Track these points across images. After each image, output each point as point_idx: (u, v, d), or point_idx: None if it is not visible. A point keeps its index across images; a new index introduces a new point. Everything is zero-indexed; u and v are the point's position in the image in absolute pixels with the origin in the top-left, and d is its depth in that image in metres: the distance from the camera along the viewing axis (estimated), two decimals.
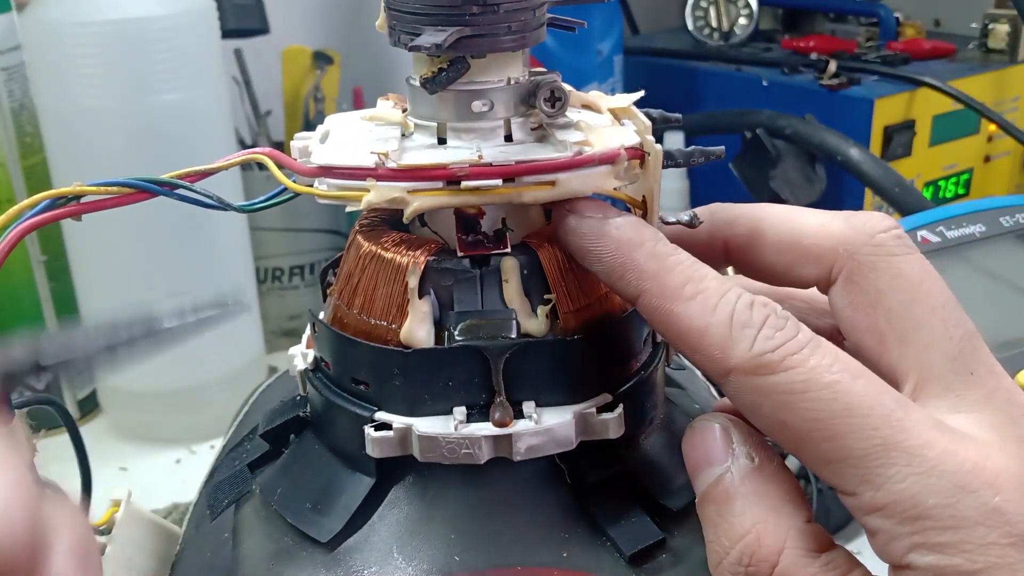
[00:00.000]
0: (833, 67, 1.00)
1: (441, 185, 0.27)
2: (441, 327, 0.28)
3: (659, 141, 0.28)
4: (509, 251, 0.28)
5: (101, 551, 0.33)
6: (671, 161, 0.29)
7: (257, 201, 0.28)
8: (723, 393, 0.26)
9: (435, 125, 0.29)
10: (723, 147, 0.30)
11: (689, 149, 0.30)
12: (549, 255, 0.29)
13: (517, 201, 0.27)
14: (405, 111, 0.31)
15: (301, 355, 0.32)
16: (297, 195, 0.28)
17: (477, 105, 0.28)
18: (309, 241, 0.94)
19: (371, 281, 0.29)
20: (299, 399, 0.33)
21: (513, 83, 0.29)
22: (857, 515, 0.24)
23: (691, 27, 1.20)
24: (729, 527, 0.25)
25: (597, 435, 0.28)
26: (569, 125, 0.28)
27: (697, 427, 0.27)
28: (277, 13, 0.97)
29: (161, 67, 0.71)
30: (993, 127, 1.02)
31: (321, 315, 0.31)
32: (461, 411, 0.28)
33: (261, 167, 0.28)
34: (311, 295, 0.94)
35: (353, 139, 0.29)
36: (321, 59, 1.00)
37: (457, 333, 0.27)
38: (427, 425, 0.28)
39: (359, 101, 1.05)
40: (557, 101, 0.28)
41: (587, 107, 0.31)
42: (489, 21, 0.27)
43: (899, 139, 0.96)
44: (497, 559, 0.28)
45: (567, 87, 0.28)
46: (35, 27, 0.72)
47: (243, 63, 0.97)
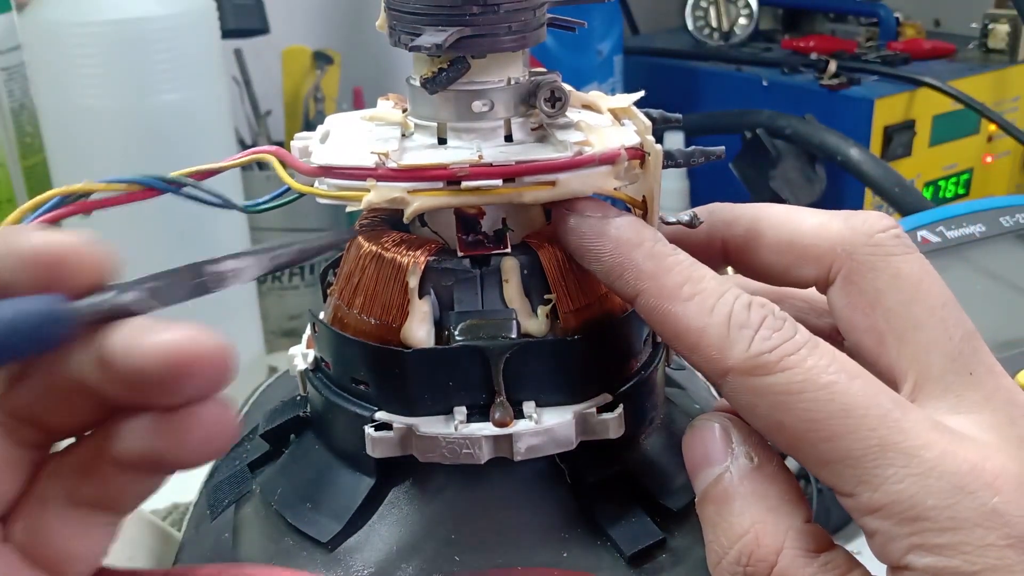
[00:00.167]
0: (833, 67, 1.00)
1: (441, 185, 0.27)
2: (441, 327, 0.28)
3: (659, 141, 0.28)
4: (509, 251, 0.28)
5: None
6: (671, 161, 0.29)
7: (262, 201, 0.28)
8: (722, 393, 0.26)
9: (435, 125, 0.29)
10: (723, 147, 0.30)
11: (689, 149, 0.30)
12: (549, 255, 0.29)
13: (517, 201, 0.27)
14: (405, 111, 0.31)
15: (301, 355, 0.32)
16: (302, 196, 0.28)
17: (477, 105, 0.28)
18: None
19: (371, 281, 0.29)
20: (299, 399, 0.33)
21: (513, 83, 0.29)
22: (855, 516, 0.24)
23: (691, 27, 1.20)
24: (728, 527, 0.25)
25: (597, 435, 0.28)
26: (569, 125, 0.28)
27: (697, 427, 0.27)
28: (277, 13, 0.97)
29: (161, 67, 0.71)
30: (993, 127, 1.02)
31: (321, 315, 0.31)
32: (461, 411, 0.28)
33: (261, 167, 0.28)
34: (311, 295, 0.94)
35: (353, 139, 0.29)
36: (321, 59, 1.00)
37: (457, 333, 0.27)
38: (427, 425, 0.28)
39: (359, 101, 1.05)
40: (557, 101, 0.28)
41: (587, 107, 0.31)
42: (489, 21, 0.27)
43: (899, 139, 0.96)
44: (497, 559, 0.28)
45: (567, 87, 0.28)
46: (35, 27, 0.72)
47: (243, 63, 0.97)
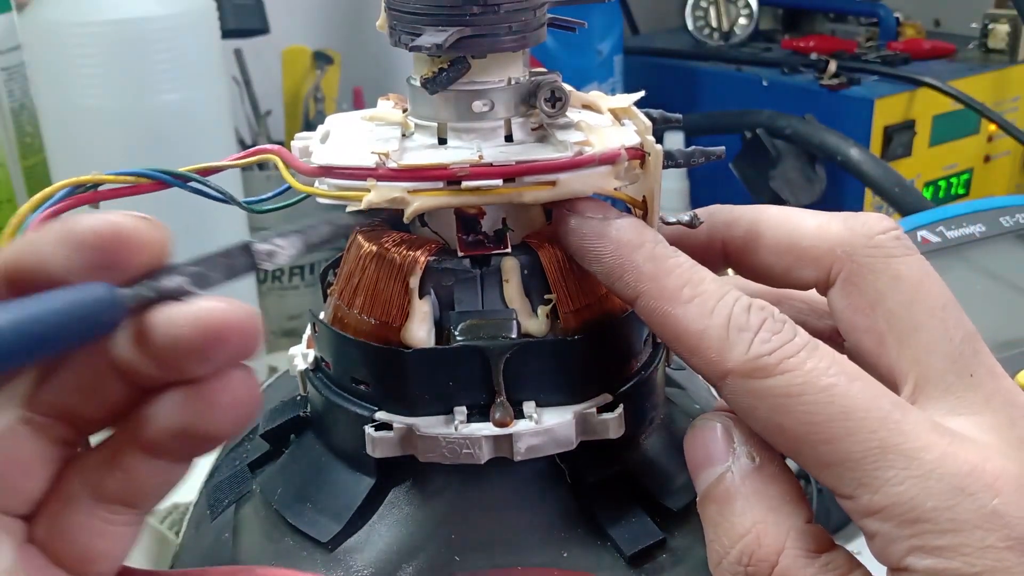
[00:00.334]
0: (833, 67, 1.00)
1: (441, 185, 0.27)
2: (441, 327, 0.28)
3: (659, 141, 0.28)
4: (509, 251, 0.28)
5: None
6: (671, 161, 0.29)
7: (264, 198, 0.28)
8: (721, 396, 0.26)
9: (435, 125, 0.29)
10: (723, 147, 0.30)
11: (689, 149, 0.30)
12: (549, 255, 0.29)
13: (518, 201, 0.27)
14: (405, 111, 0.31)
15: (301, 355, 0.32)
16: (307, 196, 0.28)
17: (478, 105, 0.28)
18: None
19: (372, 281, 0.29)
20: (299, 399, 0.33)
21: (513, 83, 0.29)
22: (855, 518, 0.24)
23: (691, 27, 1.20)
24: (729, 527, 0.25)
25: (597, 435, 0.28)
26: (569, 125, 0.28)
27: (698, 426, 0.27)
28: (277, 13, 0.97)
29: (161, 67, 0.71)
30: (993, 127, 1.02)
31: (321, 315, 0.31)
32: (461, 411, 0.28)
33: (261, 167, 0.28)
34: (311, 295, 0.94)
35: (353, 139, 0.29)
36: (321, 59, 1.00)
37: (458, 333, 0.27)
38: (427, 425, 0.28)
39: (359, 101, 1.05)
40: (557, 101, 0.28)
41: (587, 107, 0.31)
42: (489, 21, 0.27)
43: (899, 139, 0.96)
44: (497, 559, 0.28)
45: (567, 87, 0.28)
46: (35, 27, 0.72)
47: (243, 63, 0.97)
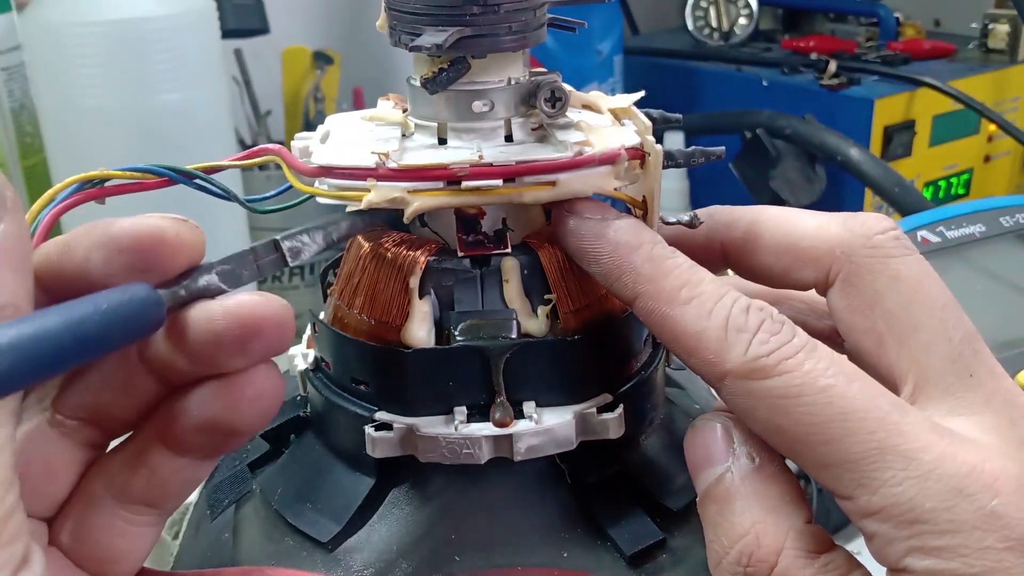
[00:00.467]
0: (833, 67, 1.00)
1: (442, 185, 0.27)
2: (441, 327, 0.28)
3: (659, 141, 0.28)
4: (509, 251, 0.28)
5: None
6: (671, 161, 0.29)
7: (265, 197, 0.29)
8: (720, 397, 0.26)
9: (435, 125, 0.29)
10: (723, 147, 0.30)
11: (689, 149, 0.30)
12: (549, 255, 0.29)
13: (518, 201, 0.27)
14: (405, 111, 0.31)
15: (301, 355, 0.32)
16: (309, 198, 0.28)
17: (478, 105, 0.28)
18: None
19: (372, 281, 0.29)
20: (299, 399, 0.33)
21: (513, 83, 0.29)
22: (854, 519, 0.24)
23: (691, 27, 1.20)
24: (729, 527, 0.25)
25: (597, 435, 0.28)
26: (569, 125, 0.28)
27: (698, 426, 0.27)
28: (277, 13, 0.97)
29: (161, 67, 0.71)
30: (993, 127, 1.02)
31: (321, 315, 0.31)
32: (461, 411, 0.28)
33: (261, 167, 0.28)
34: (311, 295, 0.94)
35: (353, 139, 0.29)
36: (321, 59, 1.00)
37: (458, 333, 0.27)
38: (427, 425, 0.28)
39: (359, 101, 1.05)
40: (557, 101, 0.28)
41: (587, 107, 0.31)
42: (489, 21, 0.27)
43: (899, 139, 0.96)
44: (497, 559, 0.28)
45: (567, 87, 0.28)
46: (35, 27, 0.72)
47: (243, 63, 0.97)
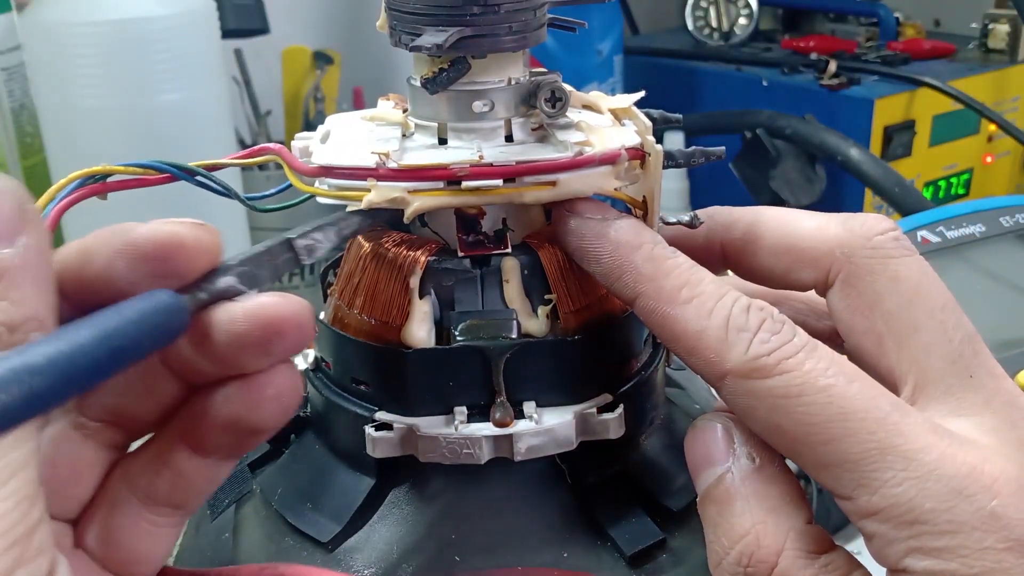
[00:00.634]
0: (833, 67, 1.00)
1: (442, 185, 0.27)
2: (442, 327, 0.28)
3: (659, 141, 0.28)
4: (510, 251, 0.28)
5: None
6: (672, 161, 0.29)
7: (266, 195, 0.29)
8: (720, 396, 0.26)
9: (436, 125, 0.29)
10: (723, 147, 0.30)
11: (690, 149, 0.30)
12: (550, 255, 0.29)
13: (518, 201, 0.27)
14: (406, 111, 0.31)
15: (302, 355, 0.32)
16: (309, 198, 0.28)
17: (478, 105, 0.28)
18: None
19: (372, 281, 0.29)
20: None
21: (514, 83, 0.29)
22: (853, 519, 0.24)
23: (691, 27, 1.20)
24: (729, 527, 0.25)
25: (597, 435, 0.28)
26: (570, 125, 0.28)
27: (699, 426, 0.27)
28: (277, 13, 0.97)
29: (161, 67, 0.71)
30: (993, 127, 1.02)
31: (322, 315, 0.31)
32: (462, 411, 0.28)
33: (261, 167, 0.28)
34: (311, 295, 0.94)
35: (354, 139, 0.29)
36: (321, 59, 1.00)
37: (458, 333, 0.27)
38: (428, 425, 0.28)
39: (359, 101, 1.05)
40: (558, 101, 0.28)
41: (588, 107, 0.31)
42: (490, 21, 0.27)
43: (899, 139, 0.96)
44: (497, 559, 0.28)
45: (568, 87, 0.28)
46: (35, 27, 0.72)
47: (243, 63, 0.97)
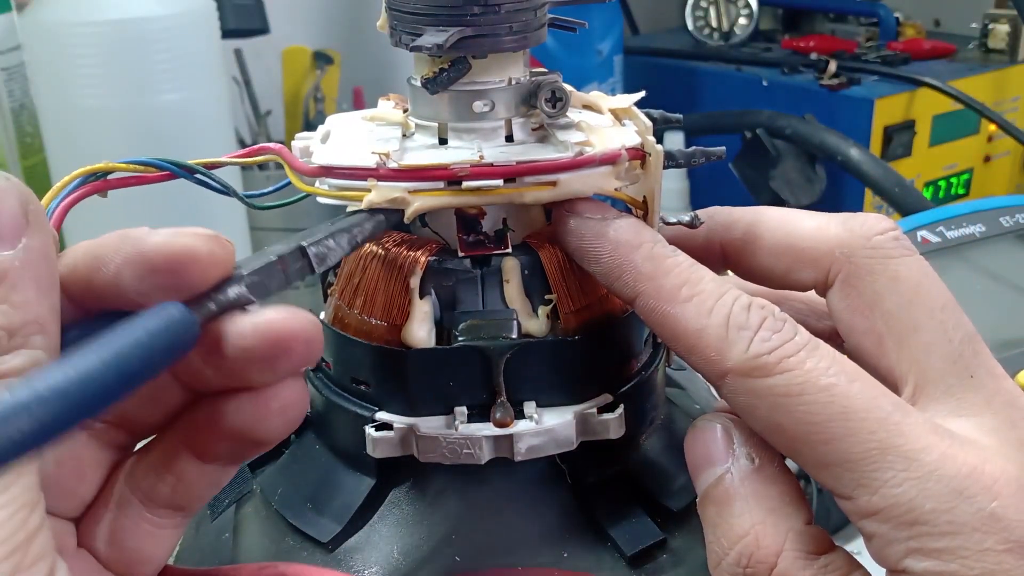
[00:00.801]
0: (833, 67, 1.00)
1: (442, 185, 0.27)
2: (442, 327, 0.28)
3: (659, 141, 0.28)
4: (510, 251, 0.28)
5: None
6: (672, 162, 0.29)
7: (266, 192, 0.29)
8: (721, 395, 0.26)
9: (436, 125, 0.29)
10: (724, 147, 0.30)
11: (690, 150, 0.30)
12: (550, 255, 0.29)
13: (518, 201, 0.27)
14: (406, 111, 0.31)
15: None
16: (307, 196, 0.28)
17: (478, 105, 0.28)
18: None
19: (372, 281, 0.29)
20: None
21: (514, 83, 0.29)
22: (853, 519, 0.24)
23: (691, 27, 1.20)
24: (728, 528, 0.25)
25: (598, 435, 0.28)
26: (570, 125, 0.28)
27: (699, 427, 0.27)
28: (277, 13, 0.97)
29: (161, 67, 0.71)
30: (993, 127, 1.02)
31: (322, 315, 0.31)
32: (462, 411, 0.28)
33: (261, 168, 0.28)
34: (311, 295, 0.94)
35: (354, 139, 0.29)
36: (321, 59, 1.00)
37: (458, 333, 0.27)
38: (428, 425, 0.28)
39: (359, 101, 1.05)
40: (558, 101, 0.28)
41: (588, 107, 0.31)
42: (490, 21, 0.27)
43: (899, 139, 0.97)
44: (497, 559, 0.28)
45: (568, 87, 0.28)
46: (35, 27, 0.72)
47: (243, 63, 0.97)
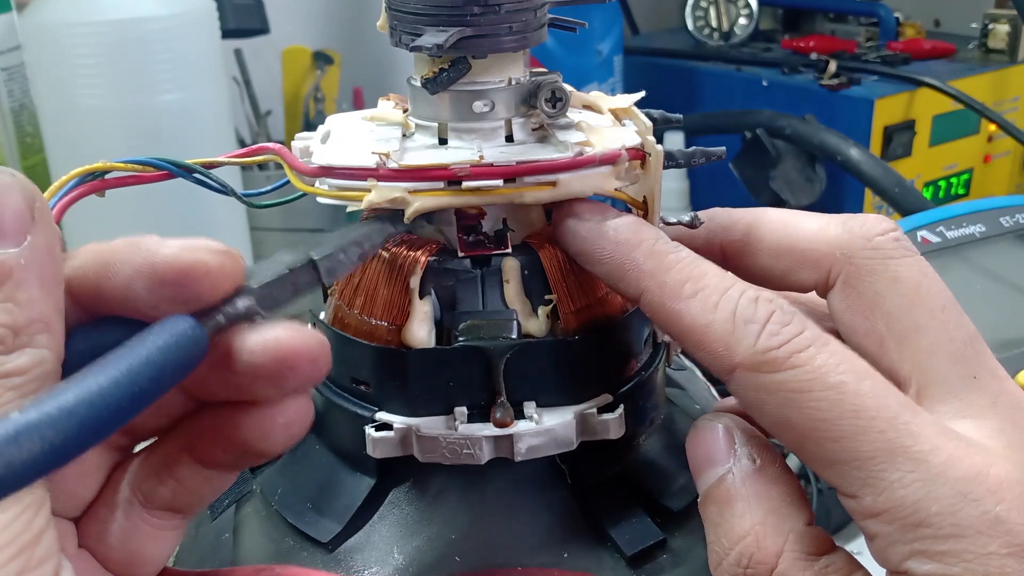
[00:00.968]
0: (833, 67, 1.00)
1: (442, 185, 0.27)
2: (442, 327, 0.28)
3: (659, 141, 0.28)
4: (510, 251, 0.28)
5: None
6: (672, 162, 0.29)
7: (264, 191, 0.29)
8: (726, 392, 0.26)
9: (436, 125, 0.29)
10: (723, 147, 0.30)
11: (690, 150, 0.30)
12: (550, 255, 0.28)
13: (518, 201, 0.27)
14: (406, 111, 0.31)
15: None
16: (304, 195, 0.28)
17: (478, 105, 0.28)
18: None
19: (372, 281, 0.29)
20: None
21: (514, 83, 0.29)
22: (856, 518, 0.23)
23: (691, 27, 1.20)
24: (729, 528, 0.25)
25: (598, 435, 0.28)
26: (570, 125, 0.28)
27: (700, 427, 0.27)
28: (277, 13, 0.97)
29: (161, 67, 0.71)
30: (993, 127, 1.02)
31: (322, 315, 0.31)
32: (462, 411, 0.28)
33: (261, 168, 0.28)
34: (311, 295, 0.94)
35: (354, 139, 0.29)
36: (321, 59, 1.00)
37: (458, 333, 0.27)
38: (428, 425, 0.28)
39: (359, 101, 1.05)
40: (558, 101, 0.28)
41: (588, 107, 0.31)
42: (490, 21, 0.27)
43: (899, 139, 0.97)
44: (498, 559, 0.28)
45: (568, 87, 0.28)
46: (35, 27, 0.72)
47: (243, 63, 0.97)
